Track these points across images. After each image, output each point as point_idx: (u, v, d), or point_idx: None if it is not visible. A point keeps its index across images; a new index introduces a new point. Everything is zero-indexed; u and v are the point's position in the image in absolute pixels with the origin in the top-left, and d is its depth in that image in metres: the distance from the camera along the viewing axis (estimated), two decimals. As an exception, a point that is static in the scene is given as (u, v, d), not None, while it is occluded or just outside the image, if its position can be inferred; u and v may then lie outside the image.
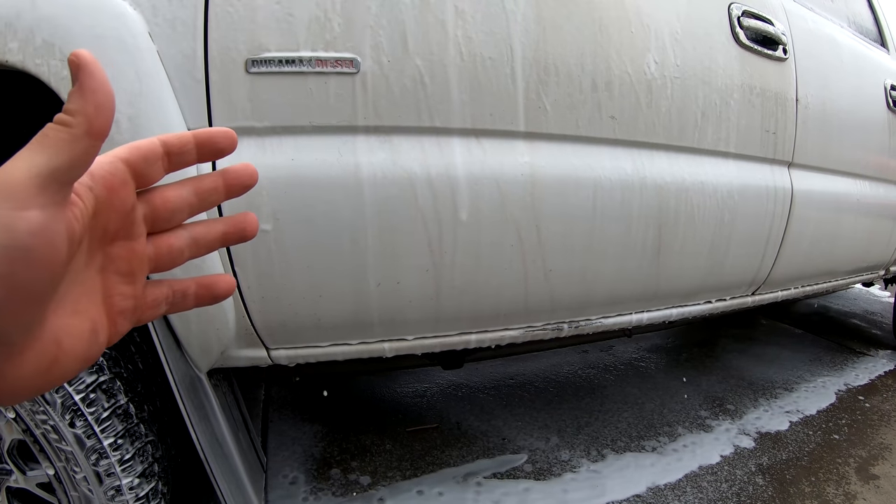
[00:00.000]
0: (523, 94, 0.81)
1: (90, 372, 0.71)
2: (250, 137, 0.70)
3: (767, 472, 1.39)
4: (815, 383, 1.90)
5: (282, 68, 0.69)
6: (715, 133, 1.05)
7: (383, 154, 0.75)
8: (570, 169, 0.87)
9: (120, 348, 0.78)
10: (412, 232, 0.77)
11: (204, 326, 0.74)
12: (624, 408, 1.60)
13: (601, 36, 0.88)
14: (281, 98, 0.69)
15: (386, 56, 0.73)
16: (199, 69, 0.67)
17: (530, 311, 0.93)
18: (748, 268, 1.22)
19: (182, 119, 0.67)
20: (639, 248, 0.97)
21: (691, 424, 1.56)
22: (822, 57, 1.35)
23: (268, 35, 0.68)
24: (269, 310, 0.77)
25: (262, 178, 0.70)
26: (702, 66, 1.02)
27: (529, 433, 1.44)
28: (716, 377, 1.86)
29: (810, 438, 1.57)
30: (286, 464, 1.20)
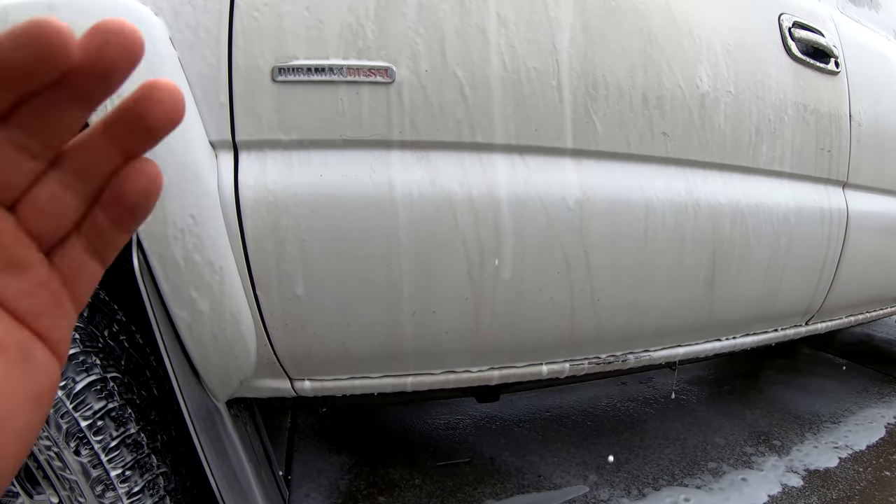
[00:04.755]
0: (571, 109, 0.69)
1: (98, 398, 0.60)
2: (275, 151, 0.59)
3: (820, 514, 1.18)
4: (862, 416, 1.67)
5: (311, 77, 0.58)
6: (770, 151, 0.90)
7: (420, 172, 0.63)
8: (621, 190, 0.73)
9: (134, 373, 0.67)
10: (451, 257, 0.65)
11: (223, 355, 0.62)
12: (665, 443, 1.41)
13: (651, 47, 0.76)
14: (309, 109, 0.59)
15: (424, 66, 0.62)
16: (222, 78, 0.57)
17: (575, 343, 0.79)
18: (803, 296, 1.05)
19: (204, 131, 0.57)
20: (692, 276, 0.82)
21: (736, 461, 1.36)
22: (872, 71, 1.20)
23: (296, 42, 0.58)
24: (293, 338, 0.65)
25: (289, 196, 0.59)
26: (755, 80, 0.88)
27: (567, 470, 1.26)
28: (760, 411, 1.65)
29: (861, 476, 1.35)
30: (310, 497, 1.06)
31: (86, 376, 0.55)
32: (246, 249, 0.59)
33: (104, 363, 0.57)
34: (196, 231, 0.55)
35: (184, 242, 0.55)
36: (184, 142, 0.55)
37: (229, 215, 0.57)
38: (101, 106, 0.16)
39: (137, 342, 0.64)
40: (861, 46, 1.17)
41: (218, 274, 0.57)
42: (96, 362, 0.56)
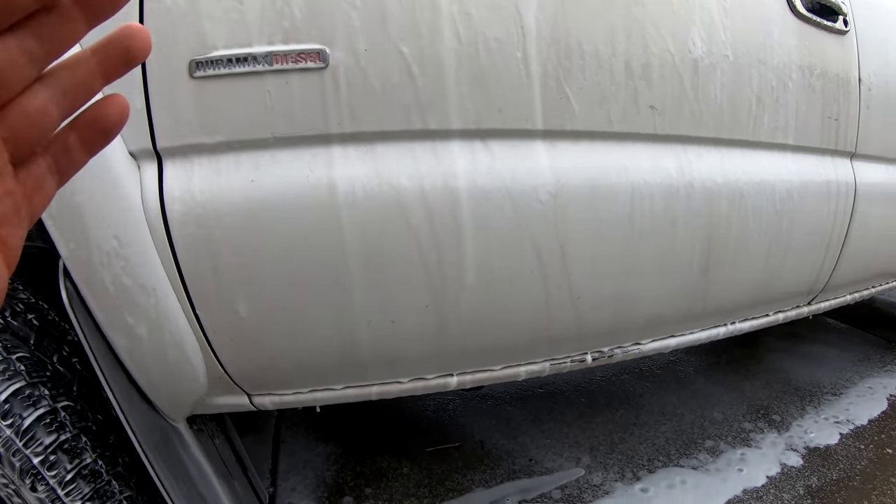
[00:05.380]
0: (540, 84, 0.60)
1: (49, 431, 0.56)
2: (201, 156, 0.51)
3: (817, 495, 1.13)
4: (864, 387, 1.61)
5: (232, 69, 0.50)
6: (772, 121, 0.80)
7: (364, 167, 0.55)
8: (602, 174, 0.65)
9: (88, 397, 0.63)
10: (405, 261, 0.58)
11: (169, 377, 0.57)
12: (661, 420, 1.37)
13: (635, 5, 0.65)
14: (234, 106, 0.51)
15: (362, 44, 0.53)
16: (135, 78, 0.49)
17: (554, 342, 0.72)
18: (807, 276, 0.96)
19: (122, 141, 0.49)
20: (684, 264, 0.74)
21: (734, 439, 1.31)
22: (883, 30, 1.06)
23: (213, 29, 0.49)
24: (242, 355, 0.59)
25: (220, 205, 0.52)
26: (755, 42, 0.77)
27: (559, 452, 1.23)
28: (760, 382, 1.59)
29: (862, 453, 1.30)
30: (296, 490, 1.04)
31: (33, 410, 0.50)
32: (179, 267, 0.52)
33: (53, 392, 0.52)
34: (123, 253, 0.48)
35: (111, 266, 0.48)
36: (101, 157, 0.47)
37: (157, 232, 0.50)
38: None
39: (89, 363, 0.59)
40: (871, 3, 1.03)
41: (152, 296, 0.51)
42: (45, 393, 0.51)
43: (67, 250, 0.47)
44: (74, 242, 0.47)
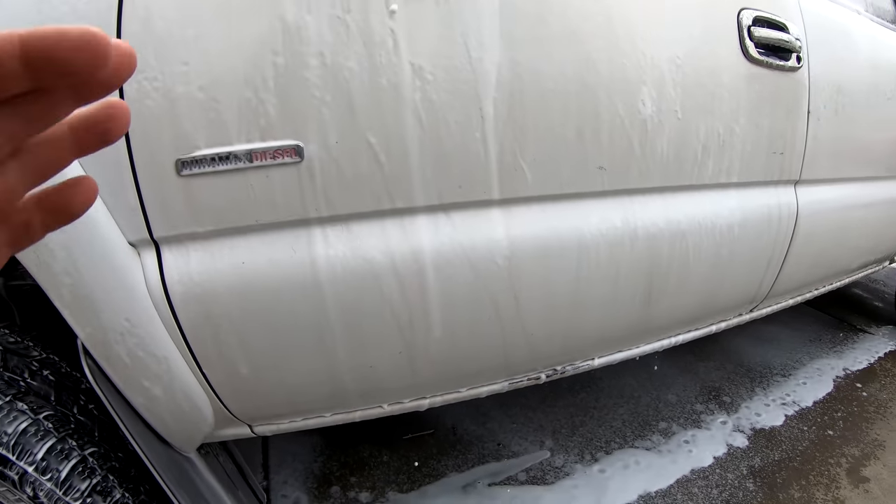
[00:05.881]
0: (497, 160, 0.69)
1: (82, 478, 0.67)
2: (195, 242, 0.61)
3: (759, 475, 1.33)
4: (813, 368, 1.81)
5: (216, 167, 0.58)
6: (716, 165, 0.90)
7: (341, 246, 0.65)
8: (552, 233, 0.75)
9: (108, 440, 0.74)
10: (380, 322, 0.69)
11: (183, 424, 0.68)
12: (619, 402, 1.55)
13: (589, 74, 0.73)
14: (221, 199, 0.59)
15: (333, 137, 0.61)
16: (127, 179, 0.56)
17: (511, 368, 0.86)
18: (747, 291, 1.10)
19: (121, 234, 0.58)
20: (627, 299, 0.87)
21: (686, 420, 1.50)
22: (838, 57, 1.15)
23: (195, 129, 0.57)
24: (244, 401, 0.71)
25: (216, 286, 0.61)
26: (705, 93, 0.85)
27: (524, 436, 1.41)
28: (713, 363, 1.78)
29: (804, 435, 1.50)
30: (287, 483, 1.20)
31: (67, 462, 0.61)
32: (186, 338, 0.62)
33: (80, 442, 0.63)
34: (135, 331, 0.58)
35: (125, 343, 0.58)
36: (105, 251, 0.56)
37: (163, 311, 0.60)
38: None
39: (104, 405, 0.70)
40: (829, 30, 1.11)
41: (164, 363, 0.61)
42: (73, 444, 0.62)
43: (84, 333, 0.57)
44: (90, 327, 0.57)
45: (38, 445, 0.62)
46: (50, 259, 0.54)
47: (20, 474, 0.62)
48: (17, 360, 0.67)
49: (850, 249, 1.38)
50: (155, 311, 0.60)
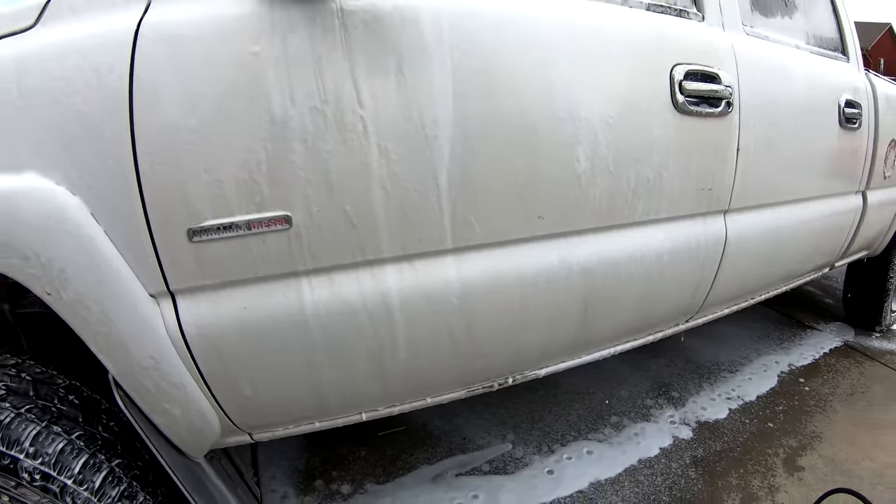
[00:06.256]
0: (450, 217, 0.89)
1: (112, 486, 0.84)
2: (205, 292, 0.79)
3: (700, 464, 1.60)
4: (759, 364, 2.09)
5: (221, 234, 0.77)
6: (646, 205, 1.12)
7: (324, 291, 0.85)
8: (497, 272, 0.96)
9: (129, 451, 0.90)
10: (356, 350, 0.89)
11: (196, 436, 0.88)
12: (576, 398, 1.80)
13: (529, 141, 0.93)
14: (225, 259, 0.78)
15: (315, 207, 0.80)
16: (146, 244, 0.75)
17: (467, 380, 1.08)
18: (679, 307, 1.34)
19: (143, 288, 0.76)
20: (565, 321, 1.09)
21: (636, 414, 1.76)
22: (771, 94, 1.36)
23: (202, 204, 0.75)
24: (245, 414, 0.91)
25: (223, 326, 0.81)
26: (635, 146, 1.06)
27: (488, 430, 1.65)
28: (664, 360, 2.04)
29: (745, 427, 1.77)
30: (276, 479, 1.42)
31: (99, 473, 0.80)
32: (199, 368, 0.82)
33: (107, 455, 0.82)
34: (158, 366, 0.78)
35: (150, 376, 0.78)
36: (131, 302, 0.75)
37: (180, 349, 0.79)
38: None
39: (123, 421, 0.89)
40: (763, 71, 1.32)
41: (181, 389, 0.81)
42: (102, 458, 0.81)
43: (116, 370, 0.76)
44: (121, 364, 0.76)
45: (74, 462, 0.79)
46: (86, 313, 0.73)
47: (61, 487, 0.79)
48: (46, 388, 0.84)
49: (784, 263, 1.63)
50: (173, 349, 0.79)
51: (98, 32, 0.72)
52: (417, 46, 0.83)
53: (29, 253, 0.69)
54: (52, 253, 0.70)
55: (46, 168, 0.70)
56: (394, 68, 0.82)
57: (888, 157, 2.02)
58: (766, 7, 1.54)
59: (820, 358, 2.17)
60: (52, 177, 0.70)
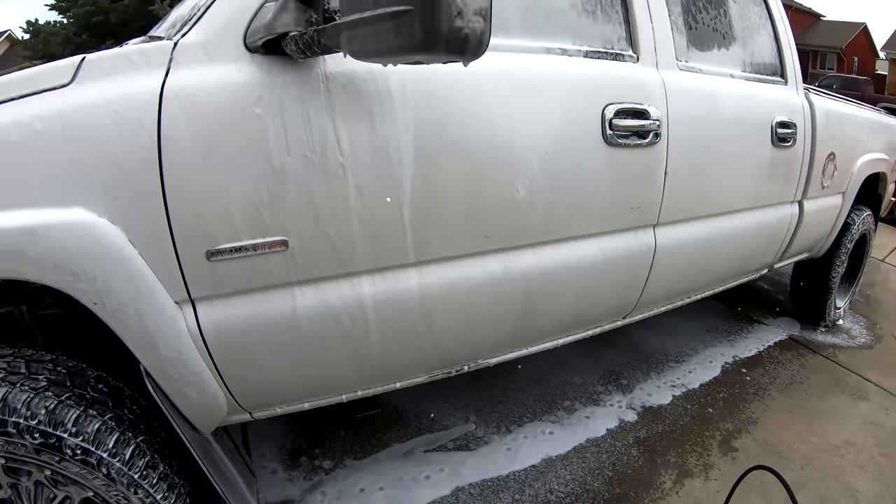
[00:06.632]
0: (412, 239, 1.19)
1: (139, 457, 1.07)
2: (219, 299, 1.08)
3: (643, 443, 1.93)
4: (706, 355, 2.44)
5: (233, 256, 1.05)
6: (579, 224, 1.42)
7: (313, 298, 1.14)
8: (451, 281, 1.27)
9: (150, 430, 1.17)
10: (338, 344, 1.20)
11: (208, 414, 1.17)
12: (533, 384, 2.13)
13: (477, 177, 1.23)
14: (236, 273, 1.07)
15: (306, 233, 1.09)
16: (172, 262, 1.03)
17: (429, 367, 1.39)
18: (614, 306, 1.66)
19: (169, 297, 1.04)
20: (509, 319, 1.40)
21: (587, 399, 2.10)
22: (701, 122, 1.67)
23: (218, 231, 1.03)
24: (248, 396, 1.21)
25: (233, 327, 1.09)
26: (569, 176, 1.36)
27: (453, 413, 1.97)
28: (617, 350, 2.38)
29: (686, 412, 2.11)
30: (265, 456, 1.72)
31: (128, 447, 1.07)
32: (213, 360, 1.11)
33: (134, 432, 1.11)
34: (181, 358, 1.07)
35: (175, 366, 1.07)
36: (161, 308, 1.03)
37: (199, 344, 1.08)
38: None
39: (142, 404, 1.18)
40: (691, 101, 1.63)
41: (199, 377, 1.10)
42: (129, 436, 1.09)
43: (147, 361, 1.05)
44: (152, 357, 1.05)
45: (108, 439, 1.05)
46: (125, 318, 1.01)
47: (98, 460, 1.05)
48: (79, 379, 1.11)
49: (717, 267, 1.97)
50: (193, 345, 1.08)
51: (128, 93, 0.96)
52: (386, 102, 1.12)
53: (78, 271, 0.94)
54: (97, 271, 0.96)
55: (90, 203, 0.95)
56: (367, 122, 1.11)
57: (826, 169, 2.35)
58: (703, 42, 1.84)
59: (764, 350, 2.53)
60: (96, 210, 0.96)
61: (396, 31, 0.71)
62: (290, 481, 1.66)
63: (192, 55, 1.02)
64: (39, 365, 1.07)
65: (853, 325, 2.90)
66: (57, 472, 1.05)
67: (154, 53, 1.01)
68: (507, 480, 1.72)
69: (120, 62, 0.99)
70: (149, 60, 1.00)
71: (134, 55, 1.00)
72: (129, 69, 0.99)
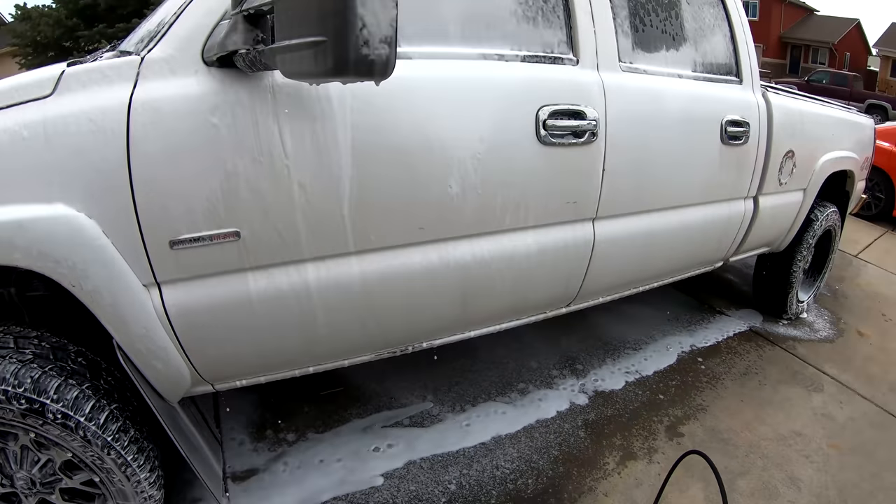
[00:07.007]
0: (351, 228, 1.43)
1: (112, 422, 1.36)
2: (182, 282, 1.33)
3: (591, 426, 2.18)
4: (663, 343, 2.67)
5: (193, 245, 1.30)
6: (513, 217, 1.66)
7: (264, 281, 1.39)
8: (390, 268, 1.51)
9: (123, 398, 1.42)
10: (288, 324, 1.45)
11: (174, 385, 1.42)
12: (490, 367, 2.38)
13: (412, 175, 1.47)
14: (196, 259, 1.31)
15: (256, 225, 1.33)
16: (140, 250, 1.27)
17: (375, 347, 1.64)
18: (554, 294, 1.90)
19: (139, 283, 1.29)
20: (448, 304, 1.65)
21: (541, 382, 2.34)
22: (642, 121, 1.90)
23: (179, 224, 1.28)
24: (211, 371, 1.47)
25: (193, 305, 1.34)
26: (501, 174, 1.60)
27: (411, 392, 2.22)
28: (577, 336, 2.62)
29: (637, 398, 2.35)
30: (234, 429, 1.99)
31: (102, 413, 1.33)
32: (177, 337, 1.36)
33: (108, 400, 1.36)
34: (148, 335, 1.32)
35: (143, 341, 1.32)
36: (130, 290, 1.28)
37: (164, 322, 1.33)
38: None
39: (116, 376, 1.43)
40: (632, 101, 1.85)
41: (165, 351, 1.35)
42: (104, 403, 1.35)
43: (119, 337, 1.30)
44: (123, 333, 1.30)
45: (86, 405, 1.31)
46: (100, 299, 1.26)
47: (76, 423, 1.31)
48: (61, 353, 1.37)
49: (663, 260, 2.20)
50: (160, 323, 1.33)
51: (101, 103, 1.20)
52: (327, 110, 1.35)
53: (60, 258, 1.19)
54: (76, 258, 1.21)
55: (70, 200, 1.19)
56: (309, 127, 1.34)
57: (784, 166, 2.57)
58: (650, 44, 2.05)
59: (723, 341, 2.76)
60: (75, 206, 1.20)
61: (314, 57, 0.95)
62: (255, 452, 1.92)
63: (156, 69, 1.26)
64: (26, 340, 1.31)
65: (817, 319, 3.12)
66: (40, 435, 1.29)
67: (124, 68, 1.24)
68: (457, 456, 1.97)
69: (95, 76, 1.23)
70: (119, 74, 1.24)
71: (107, 69, 1.24)
72: (102, 82, 1.23)
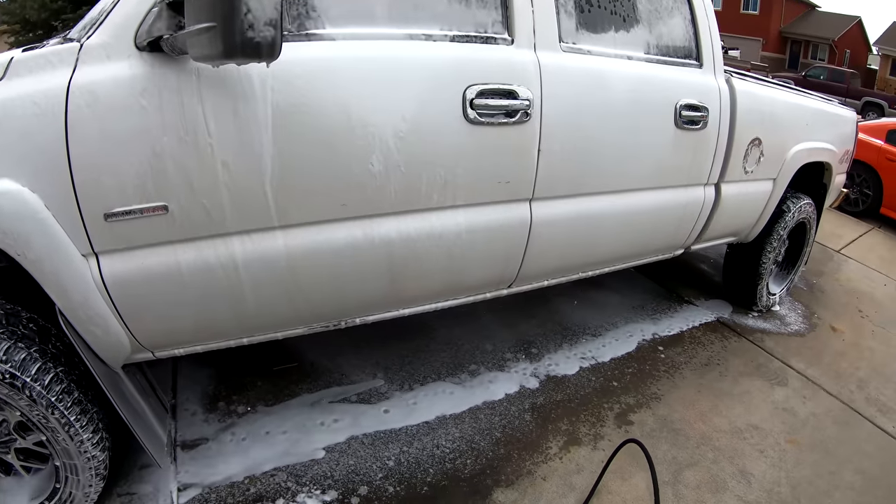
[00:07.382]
0: (274, 203, 1.63)
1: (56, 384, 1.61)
2: (117, 253, 1.54)
3: (538, 410, 2.33)
4: (624, 331, 2.81)
5: (125, 217, 1.51)
6: (440, 195, 1.84)
7: (192, 253, 1.60)
8: (314, 244, 1.70)
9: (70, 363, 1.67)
10: (217, 296, 1.66)
11: (114, 350, 1.65)
12: (445, 348, 2.56)
13: (333, 153, 1.66)
14: (130, 231, 1.53)
15: (183, 200, 1.54)
16: (79, 223, 1.49)
17: (305, 321, 1.84)
18: (491, 276, 2.07)
19: (77, 250, 1.50)
20: (375, 279, 1.84)
21: (493, 365, 2.51)
22: (583, 102, 2.04)
23: (112, 197, 1.49)
24: (150, 338, 1.69)
25: (130, 274, 1.56)
26: (426, 152, 1.77)
27: (363, 369, 2.42)
28: (536, 321, 2.77)
29: (590, 384, 2.49)
30: (189, 400, 2.21)
31: (48, 375, 1.56)
32: (114, 304, 1.58)
33: (54, 363, 1.58)
34: (87, 303, 1.54)
35: (83, 308, 1.54)
36: (70, 259, 1.49)
37: (101, 290, 1.55)
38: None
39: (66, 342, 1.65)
40: (572, 82, 2.00)
41: (103, 318, 1.57)
42: (51, 366, 1.57)
43: (61, 304, 1.52)
44: (64, 300, 1.52)
45: (32, 366, 1.55)
46: (43, 267, 1.48)
47: (22, 383, 1.55)
48: (13, 318, 1.61)
49: (610, 245, 2.36)
50: (97, 291, 1.54)
51: (44, 87, 1.42)
52: (248, 90, 1.55)
53: (7, 230, 1.42)
54: (21, 229, 1.43)
55: (15, 176, 1.42)
56: (231, 107, 1.54)
57: (750, 154, 2.68)
58: (597, 24, 2.20)
59: (687, 330, 2.88)
60: (20, 181, 1.42)
61: (209, 42, 1.14)
62: (206, 423, 2.14)
63: (94, 55, 1.47)
64: (-20, 307, 1.55)
65: (789, 313, 3.20)
66: (-8, 395, 1.52)
67: (65, 54, 1.46)
68: (399, 433, 2.16)
69: (41, 61, 1.44)
70: (61, 59, 1.45)
71: (51, 55, 1.45)
72: (46, 67, 1.44)
